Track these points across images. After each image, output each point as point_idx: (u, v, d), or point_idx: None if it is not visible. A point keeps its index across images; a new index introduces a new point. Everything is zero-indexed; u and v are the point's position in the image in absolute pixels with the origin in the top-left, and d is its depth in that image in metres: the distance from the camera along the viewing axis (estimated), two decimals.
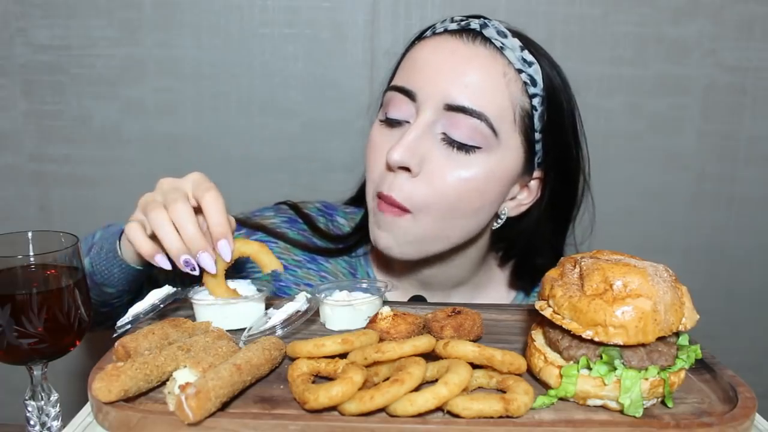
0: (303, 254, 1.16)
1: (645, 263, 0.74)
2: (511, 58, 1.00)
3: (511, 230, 1.11)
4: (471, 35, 1.01)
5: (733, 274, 1.76)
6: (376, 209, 1.03)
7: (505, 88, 0.99)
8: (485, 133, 0.97)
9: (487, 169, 0.99)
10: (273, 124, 1.63)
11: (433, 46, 1.03)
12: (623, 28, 1.60)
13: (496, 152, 0.99)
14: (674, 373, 0.71)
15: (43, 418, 0.80)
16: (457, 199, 0.99)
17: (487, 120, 0.97)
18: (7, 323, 0.74)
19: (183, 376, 0.69)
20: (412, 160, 0.97)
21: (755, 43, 1.62)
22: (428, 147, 0.98)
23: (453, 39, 1.02)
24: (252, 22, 1.57)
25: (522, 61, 1.01)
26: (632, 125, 1.66)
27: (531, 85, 1.01)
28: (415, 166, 0.97)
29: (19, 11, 1.56)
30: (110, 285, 1.00)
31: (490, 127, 0.97)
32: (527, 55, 1.01)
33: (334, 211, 1.24)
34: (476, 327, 0.86)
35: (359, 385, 0.66)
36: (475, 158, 0.98)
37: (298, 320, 0.85)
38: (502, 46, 1.00)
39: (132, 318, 0.84)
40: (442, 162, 0.98)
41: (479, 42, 1.01)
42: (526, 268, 1.17)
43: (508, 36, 1.02)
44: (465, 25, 1.03)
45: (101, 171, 1.64)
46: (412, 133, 0.97)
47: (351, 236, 1.18)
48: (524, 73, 1.00)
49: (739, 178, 1.71)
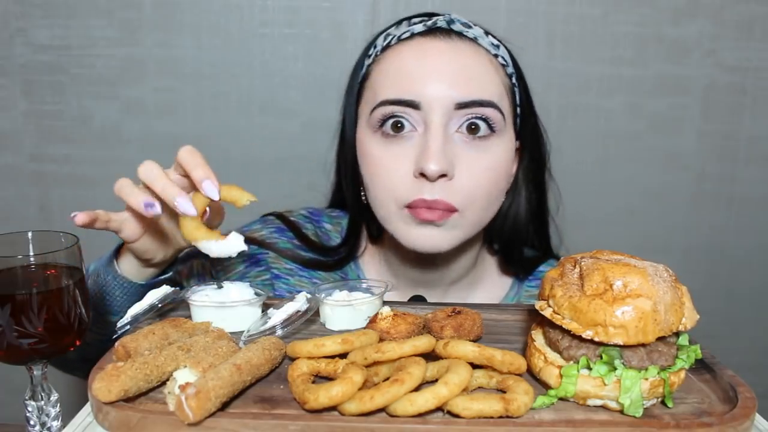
0: (294, 263, 1.17)
1: (645, 263, 0.74)
2: (485, 46, 1.05)
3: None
4: (443, 33, 1.04)
5: (733, 274, 1.76)
6: (410, 218, 1.01)
7: (495, 74, 1.04)
8: (497, 119, 1.01)
9: (504, 152, 1.04)
10: (273, 124, 1.63)
11: (412, 51, 1.03)
12: (623, 28, 1.60)
13: (505, 134, 1.04)
14: (674, 373, 0.71)
15: (43, 418, 0.80)
16: (491, 187, 1.03)
17: (496, 106, 1.01)
18: (7, 323, 0.74)
19: (183, 376, 0.69)
20: (448, 164, 0.98)
21: (755, 43, 1.62)
22: (451, 148, 0.99)
23: (429, 40, 1.03)
24: (252, 22, 1.58)
25: (492, 45, 1.06)
26: (632, 125, 1.66)
27: (507, 65, 1.07)
28: (450, 169, 0.98)
29: (19, 11, 1.56)
30: (113, 312, 1.00)
31: (500, 112, 1.02)
32: (493, 39, 1.07)
33: (319, 217, 1.24)
34: (476, 327, 0.86)
35: (359, 385, 0.66)
36: (492, 144, 1.02)
37: (298, 320, 0.85)
38: (474, 36, 1.04)
39: (131, 318, 0.84)
40: (468, 158, 1.00)
41: (455, 37, 1.03)
42: (514, 250, 1.19)
43: (472, 26, 1.06)
44: (432, 25, 1.05)
45: (101, 171, 1.64)
46: (437, 140, 0.98)
47: (341, 247, 1.18)
48: (499, 57, 1.06)
49: (739, 178, 1.71)
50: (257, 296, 0.90)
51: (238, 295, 0.90)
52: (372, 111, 1.03)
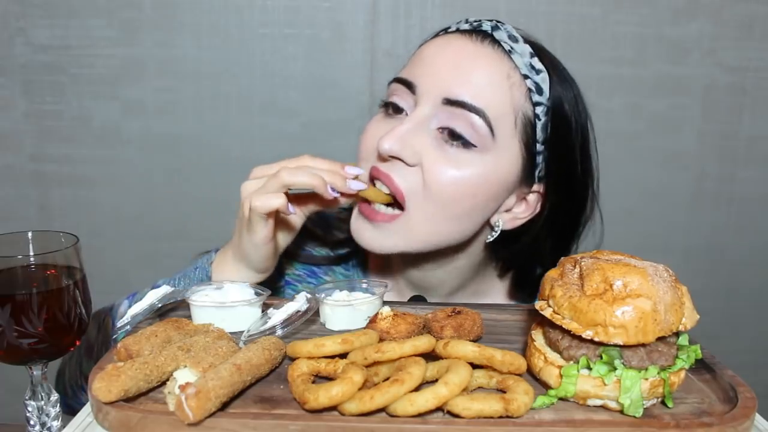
0: (303, 268, 1.16)
1: (645, 263, 0.74)
2: (518, 63, 0.98)
3: (508, 244, 1.08)
4: (480, 35, 1.01)
5: (733, 274, 1.77)
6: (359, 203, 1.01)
7: (507, 90, 0.97)
8: (482, 132, 0.96)
9: (482, 171, 0.96)
10: (273, 124, 1.63)
11: (441, 43, 1.03)
12: (623, 28, 1.60)
13: (492, 155, 0.97)
14: (674, 373, 0.71)
15: (43, 418, 0.80)
16: (450, 199, 0.97)
17: (485, 117, 0.95)
18: (7, 323, 0.74)
19: (183, 376, 0.69)
20: (404, 150, 0.95)
21: (755, 43, 1.62)
22: (423, 141, 0.97)
23: (462, 38, 1.01)
24: (252, 22, 1.58)
25: (529, 67, 0.99)
26: (632, 125, 1.66)
27: (536, 92, 0.98)
28: (408, 157, 0.96)
29: (19, 11, 1.56)
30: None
31: (488, 126, 0.95)
32: (536, 63, 0.99)
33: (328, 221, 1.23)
34: (476, 327, 0.86)
35: (359, 385, 0.66)
36: (470, 157, 0.96)
37: (298, 320, 0.85)
38: (511, 49, 0.98)
39: (131, 318, 0.84)
40: (436, 158, 0.96)
41: (488, 42, 1.00)
42: (526, 279, 1.15)
43: (519, 41, 1.00)
44: (477, 26, 1.03)
45: (101, 171, 1.64)
46: (407, 124, 0.97)
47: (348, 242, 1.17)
48: (530, 80, 0.98)
49: (739, 178, 1.71)
50: (257, 296, 0.90)
51: (238, 295, 0.90)
52: (388, 85, 1.05)
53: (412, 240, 0.99)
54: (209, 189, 1.63)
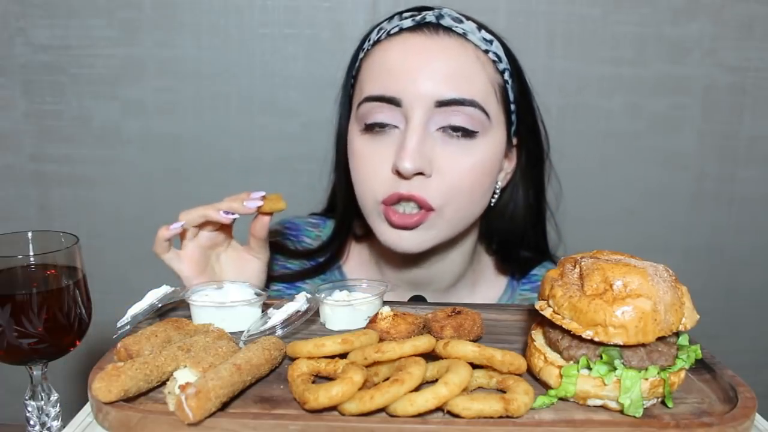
0: (281, 284, 1.17)
1: (645, 263, 0.74)
2: (476, 41, 1.02)
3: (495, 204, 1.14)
4: (431, 28, 1.02)
5: (733, 274, 1.76)
6: (385, 215, 1.02)
7: (482, 71, 1.01)
8: (480, 119, 1.00)
9: (488, 150, 1.02)
10: (273, 124, 1.63)
11: (398, 48, 1.02)
12: (623, 28, 1.60)
13: (491, 133, 1.02)
14: (674, 373, 0.71)
15: (43, 418, 0.81)
16: (470, 187, 1.02)
17: (479, 105, 0.99)
18: (7, 323, 0.74)
19: (183, 376, 0.69)
20: (423, 163, 0.97)
21: (755, 43, 1.62)
22: (430, 146, 0.99)
23: (415, 36, 1.02)
24: (252, 22, 1.57)
25: (484, 41, 1.03)
26: (632, 125, 1.66)
27: (499, 61, 1.04)
28: (427, 168, 0.98)
29: (19, 11, 1.56)
30: None
31: (483, 111, 1.00)
32: (486, 35, 1.04)
33: (298, 231, 1.24)
34: (476, 327, 0.86)
35: (359, 385, 0.66)
36: (475, 143, 1.01)
37: (298, 320, 0.85)
38: (464, 31, 1.02)
39: (131, 318, 0.84)
40: (447, 156, 0.99)
41: (442, 33, 1.02)
42: (511, 248, 1.19)
43: (463, 21, 1.04)
44: (420, 20, 1.03)
45: (101, 171, 1.64)
46: (414, 137, 0.97)
47: (325, 249, 1.18)
48: (490, 52, 1.03)
49: (739, 178, 1.71)
50: (257, 296, 0.91)
51: (238, 295, 0.90)
52: (358, 107, 1.04)
53: (445, 231, 1.04)
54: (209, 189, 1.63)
